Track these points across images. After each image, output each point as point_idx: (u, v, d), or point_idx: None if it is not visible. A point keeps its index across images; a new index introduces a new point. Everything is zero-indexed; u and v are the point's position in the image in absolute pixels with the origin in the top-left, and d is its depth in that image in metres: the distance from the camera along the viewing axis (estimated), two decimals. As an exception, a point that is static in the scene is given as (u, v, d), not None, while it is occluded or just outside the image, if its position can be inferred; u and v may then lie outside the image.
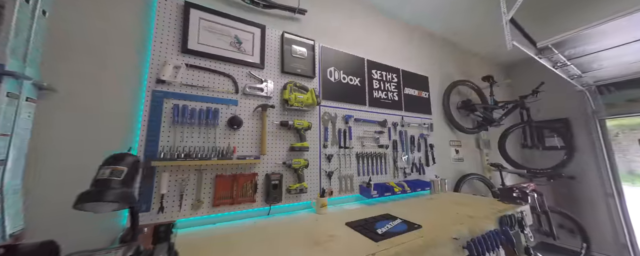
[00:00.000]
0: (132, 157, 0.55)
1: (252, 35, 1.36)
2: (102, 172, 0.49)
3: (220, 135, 1.19)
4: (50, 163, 0.88)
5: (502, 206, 1.44)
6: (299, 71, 1.51)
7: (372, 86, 1.87)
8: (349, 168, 1.62)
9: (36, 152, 0.85)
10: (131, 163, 0.53)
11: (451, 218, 1.20)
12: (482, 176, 2.51)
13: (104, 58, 1.00)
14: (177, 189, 1.05)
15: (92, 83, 0.97)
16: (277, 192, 1.26)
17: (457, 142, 2.51)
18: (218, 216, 1.13)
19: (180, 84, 1.13)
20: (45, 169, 0.87)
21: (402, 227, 1.06)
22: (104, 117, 0.98)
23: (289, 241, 0.92)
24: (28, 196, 0.82)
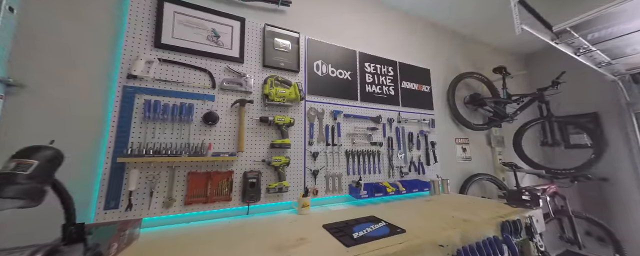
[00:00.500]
0: (49, 150, 0.51)
1: (230, 29, 1.31)
2: (5, 165, 0.45)
3: (195, 131, 1.15)
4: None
5: (508, 210, 1.28)
6: (282, 65, 1.44)
7: (364, 80, 1.76)
8: (338, 166, 1.53)
9: (5, 146, 0.85)
10: (47, 157, 0.49)
11: (444, 222, 1.06)
12: (493, 176, 2.28)
13: (74, 54, 1.00)
14: (147, 186, 1.02)
15: (61, 80, 0.97)
16: (255, 190, 1.20)
17: (464, 140, 2.31)
18: (190, 215, 1.09)
19: (153, 79, 1.10)
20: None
21: (384, 231, 0.96)
22: (74, 114, 0.97)
23: (255, 243, 0.85)
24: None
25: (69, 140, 0.94)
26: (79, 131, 0.97)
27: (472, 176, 2.16)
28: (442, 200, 1.56)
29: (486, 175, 2.23)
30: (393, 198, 1.61)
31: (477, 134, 2.43)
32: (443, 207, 1.36)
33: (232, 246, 0.83)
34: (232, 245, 0.84)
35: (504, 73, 2.43)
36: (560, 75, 2.24)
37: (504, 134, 2.63)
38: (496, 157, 2.50)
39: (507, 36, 2.60)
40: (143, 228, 0.98)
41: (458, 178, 2.16)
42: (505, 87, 2.43)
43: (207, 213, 1.13)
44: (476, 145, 2.40)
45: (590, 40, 1.66)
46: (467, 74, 2.34)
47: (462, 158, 2.25)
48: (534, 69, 3.08)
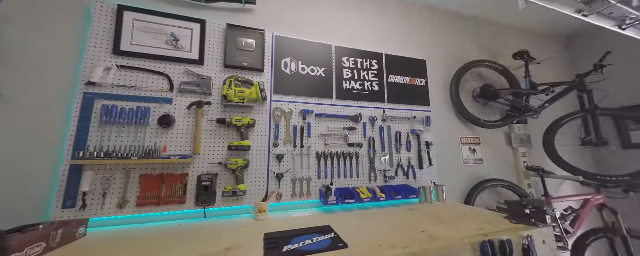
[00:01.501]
0: None
1: (190, 32, 1.31)
2: None
3: (151, 134, 1.17)
4: None
5: (503, 226, 1.02)
6: (246, 64, 1.38)
7: (342, 76, 1.61)
8: (307, 170, 1.41)
9: (-21, 151, 0.96)
10: None
11: (405, 239, 0.89)
12: (511, 183, 1.90)
13: (42, 67, 1.08)
14: (101, 188, 1.06)
15: (31, 90, 1.06)
16: (209, 194, 1.17)
17: (473, 139, 1.98)
18: (143, 217, 1.10)
19: (112, 85, 1.14)
20: None
21: (322, 245, 0.83)
22: (39, 120, 1.05)
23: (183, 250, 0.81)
24: None
25: (34, 143, 1.02)
26: (43, 135, 1.04)
27: (483, 182, 1.82)
28: (429, 210, 1.33)
29: (503, 182, 1.86)
30: (372, 206, 1.43)
31: (492, 133, 2.06)
32: (422, 219, 1.15)
33: (159, 251, 0.80)
34: (161, 249, 0.81)
35: (526, 59, 2.01)
36: (604, 57, 1.77)
37: (530, 132, 2.19)
38: (519, 159, 2.08)
39: (527, 15, 2.15)
40: (95, 228, 1.02)
41: (464, 184, 1.85)
42: (529, 75, 2.01)
43: (162, 215, 1.13)
44: (490, 146, 2.03)
45: (636, 6, 1.25)
46: (476, 63, 1.99)
47: (470, 161, 1.92)
48: (570, 53, 2.51)
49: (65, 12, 1.15)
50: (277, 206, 1.32)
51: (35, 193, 1.00)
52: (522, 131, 2.17)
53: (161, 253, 0.79)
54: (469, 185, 1.84)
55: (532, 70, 2.02)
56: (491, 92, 1.89)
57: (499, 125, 1.94)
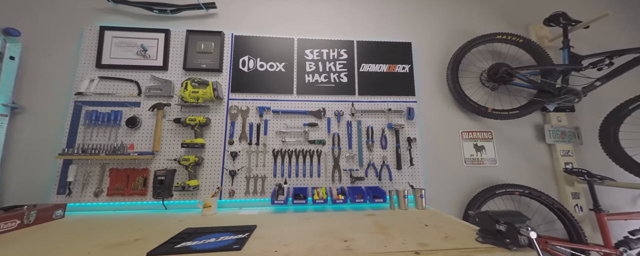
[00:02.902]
0: None
1: (156, 41, 1.44)
2: None
3: (123, 133, 1.33)
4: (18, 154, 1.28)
5: (465, 244, 0.76)
6: (204, 66, 1.44)
7: (303, 69, 1.51)
8: (262, 167, 1.37)
9: (8, 147, 1.27)
10: None
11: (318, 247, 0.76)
12: (535, 191, 1.42)
13: (49, 83, 1.36)
14: (82, 178, 1.26)
15: (40, 101, 1.34)
16: (163, 187, 1.25)
17: (480, 133, 1.57)
18: (113, 205, 1.26)
19: (94, 93, 1.35)
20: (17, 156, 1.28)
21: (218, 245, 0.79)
22: (46, 123, 1.32)
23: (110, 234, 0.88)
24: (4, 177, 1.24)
25: (42, 142, 1.29)
26: (48, 136, 1.31)
27: (491, 187, 1.42)
28: (390, 217, 1.12)
29: (522, 188, 1.41)
30: (329, 208, 1.29)
31: (512, 125, 1.59)
32: (364, 227, 0.98)
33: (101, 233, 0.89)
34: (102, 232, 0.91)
35: (564, 23, 1.48)
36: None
37: (579, 122, 1.61)
38: (558, 159, 1.55)
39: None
40: (75, 211, 1.22)
41: (465, 190, 1.48)
42: (568, 46, 1.47)
43: (127, 204, 1.27)
44: (509, 142, 1.58)
45: None
46: (483, 38, 1.57)
47: (474, 161, 1.53)
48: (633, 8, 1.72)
49: (66, 38, 1.42)
50: (229, 202, 1.32)
51: (43, 179, 1.26)
52: (564, 121, 1.60)
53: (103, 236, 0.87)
54: (473, 191, 1.46)
55: (575, 39, 1.47)
56: (503, 71, 1.45)
57: (515, 114, 1.48)
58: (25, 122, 1.32)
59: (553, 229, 1.42)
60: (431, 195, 1.44)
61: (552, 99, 1.42)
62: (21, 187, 1.25)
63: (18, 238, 0.88)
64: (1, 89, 1.24)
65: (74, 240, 0.85)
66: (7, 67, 1.27)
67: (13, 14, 1.39)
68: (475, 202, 1.39)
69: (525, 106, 1.49)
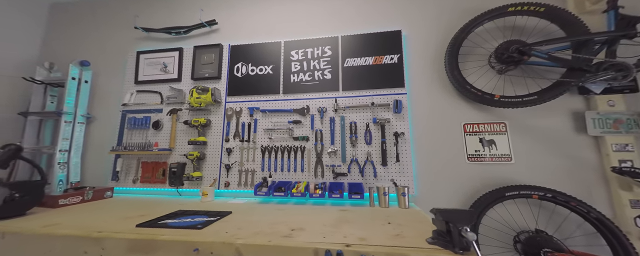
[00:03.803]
0: (12, 146, 1.10)
1: (173, 58, 1.75)
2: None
3: (150, 134, 1.67)
4: (92, 150, 1.77)
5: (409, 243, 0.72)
6: (207, 75, 1.67)
7: (289, 70, 1.58)
8: (252, 162, 1.51)
9: (86, 145, 1.76)
10: (9, 149, 1.08)
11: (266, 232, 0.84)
12: (561, 194, 1.12)
13: (109, 97, 1.82)
14: (125, 169, 1.64)
15: (104, 113, 1.81)
16: (176, 177, 1.52)
17: (491, 126, 1.34)
18: (144, 190, 1.60)
19: (133, 104, 1.74)
20: (90, 152, 1.77)
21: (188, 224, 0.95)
22: (108, 128, 1.77)
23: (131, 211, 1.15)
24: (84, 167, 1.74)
25: (104, 142, 1.75)
26: (108, 137, 1.75)
27: (502, 189, 1.20)
28: (362, 213, 1.10)
29: (543, 191, 1.14)
30: (308, 201, 1.33)
31: (535, 114, 1.30)
32: (324, 220, 0.99)
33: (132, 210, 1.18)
34: (131, 209, 1.20)
35: None
36: None
37: None
38: (609, 155, 1.19)
39: None
40: (119, 193, 1.60)
41: (467, 191, 1.29)
42: (616, 6, 1.12)
43: (153, 190, 1.60)
44: (530, 134, 1.30)
45: None
46: (491, 14, 1.33)
47: (481, 157, 1.31)
48: None
49: (118, 63, 1.86)
50: (225, 192, 1.50)
51: (104, 168, 1.70)
52: (620, 106, 1.21)
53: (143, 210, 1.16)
54: (478, 192, 1.26)
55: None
56: (512, 50, 1.20)
57: (531, 101, 1.19)
58: (95, 127, 1.80)
59: (599, 244, 1.10)
60: (423, 195, 1.31)
61: (585, 79, 1.10)
62: (93, 174, 1.72)
63: (78, 208, 1.24)
64: (81, 105, 1.73)
65: (105, 213, 1.14)
66: (83, 88, 1.77)
67: (86, 49, 1.92)
68: (479, 206, 1.20)
69: (547, 90, 1.19)
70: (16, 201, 1.06)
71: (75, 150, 1.69)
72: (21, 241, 0.89)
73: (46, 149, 1.71)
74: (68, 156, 1.64)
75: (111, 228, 0.89)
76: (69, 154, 1.64)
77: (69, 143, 1.65)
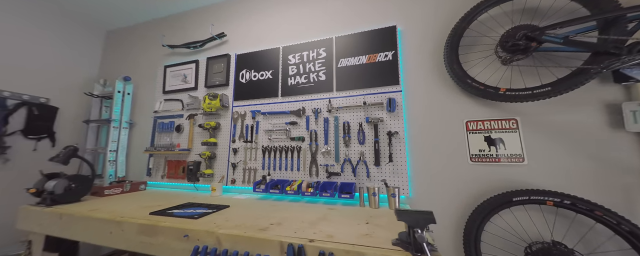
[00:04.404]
0: (72, 147, 1.41)
1: (191, 70, 1.99)
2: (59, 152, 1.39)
3: (174, 136, 1.93)
4: (133, 150, 2.12)
5: (372, 242, 0.72)
6: (217, 82, 1.86)
7: (287, 73, 1.66)
8: (254, 161, 1.63)
9: (129, 146, 2.13)
10: (69, 150, 1.39)
11: (248, 224, 0.93)
12: (591, 204, 0.95)
13: (144, 105, 2.16)
14: (155, 166, 1.93)
15: (142, 119, 2.15)
16: (192, 174, 1.73)
17: (499, 122, 1.21)
18: (169, 184, 1.86)
19: (161, 111, 2.03)
20: (132, 152, 2.13)
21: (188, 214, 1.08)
22: (143, 132, 2.11)
23: (156, 202, 1.38)
24: (128, 164, 2.10)
25: (141, 143, 2.08)
26: (144, 140, 2.08)
27: (509, 193, 1.07)
28: (347, 212, 1.11)
29: (564, 196, 0.98)
30: (302, 199, 1.38)
31: (555, 108, 1.13)
32: (304, 217, 1.03)
33: (154, 200, 1.42)
34: (154, 200, 1.44)
35: None
36: None
37: None
38: None
39: None
40: (151, 187, 1.89)
41: (470, 193, 1.19)
42: None
43: (177, 185, 1.84)
44: (547, 131, 1.13)
45: None
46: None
47: (486, 157, 1.19)
48: None
49: (151, 77, 2.19)
50: (232, 188, 1.65)
51: (142, 165, 2.03)
52: (676, 95, 0.97)
53: (162, 201, 1.39)
54: (482, 196, 1.15)
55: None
56: (521, 37, 1.06)
57: (543, 93, 1.03)
58: (135, 131, 2.15)
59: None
60: (419, 197, 1.25)
61: (611, 64, 0.91)
62: (134, 170, 2.06)
63: (117, 198, 1.51)
64: (125, 113, 2.10)
65: (134, 202, 1.37)
66: (126, 99, 2.13)
67: (128, 67, 2.30)
68: (480, 212, 1.09)
69: (563, 80, 1.01)
70: (73, 190, 1.35)
71: (121, 150, 2.05)
72: (72, 221, 1.14)
73: (101, 149, 2.11)
74: (116, 155, 2.00)
75: (131, 214, 1.08)
76: (116, 153, 2.00)
77: (116, 145, 2.01)
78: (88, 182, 1.43)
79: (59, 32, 2.16)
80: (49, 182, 1.31)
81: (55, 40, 2.13)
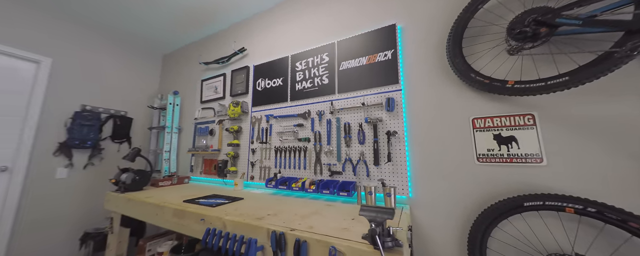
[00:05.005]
0: (136, 149, 1.85)
1: (220, 81, 2.33)
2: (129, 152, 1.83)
3: (208, 139, 2.29)
4: (181, 150, 2.60)
5: (347, 236, 0.80)
6: (239, 91, 2.13)
7: (294, 79, 1.80)
8: (268, 160, 1.82)
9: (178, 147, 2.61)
10: (135, 150, 1.83)
11: (250, 213, 1.10)
12: (625, 213, 0.78)
13: (186, 113, 2.62)
14: (195, 164, 2.33)
15: (186, 126, 2.61)
16: (220, 171, 2.03)
17: (511, 119, 1.10)
18: (205, 179, 2.22)
19: (199, 118, 2.44)
20: (181, 152, 2.60)
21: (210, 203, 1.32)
22: (189, 135, 2.56)
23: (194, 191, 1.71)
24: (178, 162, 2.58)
25: (186, 146, 2.53)
26: (188, 142, 2.53)
27: (520, 197, 0.96)
28: (342, 209, 1.17)
29: (589, 204, 0.84)
30: (305, 195, 1.50)
31: (582, 99, 0.96)
32: (302, 212, 1.14)
33: (191, 191, 1.76)
34: (191, 191, 1.78)
35: None
36: None
37: None
38: None
39: None
40: (193, 181, 2.28)
41: (477, 197, 1.10)
42: None
43: (211, 179, 2.18)
44: (572, 127, 0.97)
45: None
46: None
47: (496, 157, 1.09)
48: None
49: (192, 90, 2.64)
50: (252, 184, 1.88)
51: (186, 163, 2.47)
52: None
53: (195, 192, 1.73)
54: (491, 198, 1.05)
55: None
56: (530, 22, 0.94)
57: (559, 83, 0.88)
58: (182, 135, 2.62)
59: None
60: (421, 198, 1.21)
61: (637, 44, 0.73)
62: (182, 166, 2.52)
63: (166, 189, 1.89)
64: (175, 120, 2.59)
65: (176, 192, 1.71)
66: (176, 110, 2.62)
67: (177, 82, 2.82)
68: (487, 216, 1.01)
69: (585, 67, 0.85)
70: (137, 182, 1.77)
71: (173, 151, 2.53)
72: (135, 204, 1.50)
73: (159, 150, 2.65)
74: (169, 155, 2.48)
75: (170, 201, 1.37)
76: (170, 153, 2.49)
77: (169, 146, 2.50)
78: (147, 175, 1.85)
79: (132, 61, 2.80)
80: (122, 174, 1.75)
81: (130, 67, 2.78)
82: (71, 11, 2.20)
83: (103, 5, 2.13)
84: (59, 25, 2.23)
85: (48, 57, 2.14)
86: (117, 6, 2.13)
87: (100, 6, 2.14)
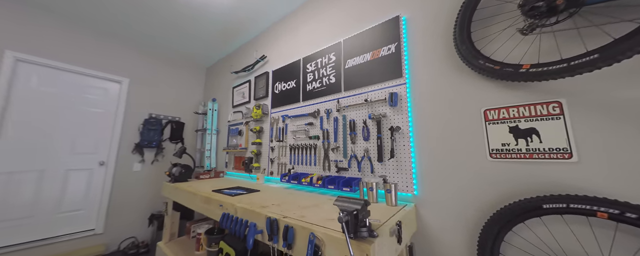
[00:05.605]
0: (182, 147, 2.24)
1: (247, 87, 2.61)
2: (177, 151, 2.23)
3: (238, 139, 2.60)
4: (219, 149, 3.01)
5: (334, 229, 0.87)
6: (261, 95, 2.36)
7: (305, 81, 1.90)
8: (284, 157, 1.96)
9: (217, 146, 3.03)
10: (181, 148, 2.22)
11: (258, 202, 1.26)
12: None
13: (223, 117, 3.02)
14: (229, 161, 2.66)
15: (222, 127, 3.01)
16: (247, 166, 2.28)
17: (532, 108, 0.96)
18: (236, 174, 2.52)
19: (232, 120, 2.78)
20: (219, 151, 3.01)
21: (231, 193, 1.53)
22: (224, 136, 2.95)
23: (225, 183, 2.00)
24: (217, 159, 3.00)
25: (222, 145, 2.92)
26: (224, 142, 2.91)
27: (538, 198, 0.84)
28: (333, 202, 1.22)
29: (621, 207, 0.68)
30: (317, 191, 1.58)
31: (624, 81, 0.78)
32: (304, 204, 1.24)
33: (222, 184, 2.07)
34: (222, 183, 2.08)
35: None
36: None
37: None
38: None
39: None
40: (227, 175, 2.62)
41: (491, 197, 0.99)
42: None
43: (240, 174, 2.47)
44: (613, 116, 0.79)
45: None
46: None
47: (512, 153, 0.96)
48: None
49: (226, 96, 3.03)
50: (271, 179, 2.05)
51: (222, 160, 2.84)
52: None
53: (224, 184, 2.03)
54: (504, 200, 0.94)
55: None
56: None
57: (588, 63, 0.71)
58: (220, 136, 3.03)
59: None
60: (427, 196, 1.15)
61: None
62: (219, 163, 2.92)
63: (205, 181, 2.24)
64: (214, 123, 3.01)
65: (211, 184, 2.02)
66: (214, 114, 3.05)
67: (215, 90, 3.27)
68: (500, 219, 0.90)
69: (619, 41, 0.67)
70: (183, 174, 2.15)
71: (212, 149, 2.95)
72: (180, 192, 1.84)
73: (203, 149, 3.12)
74: (210, 152, 2.90)
75: (203, 190, 1.64)
76: (210, 152, 2.91)
77: (210, 145, 2.93)
78: (191, 169, 2.22)
79: (183, 75, 3.38)
80: (173, 168, 2.15)
81: (182, 80, 3.35)
82: (142, 35, 2.78)
83: (161, 26, 2.63)
84: (132, 51, 2.87)
85: (126, 77, 2.79)
86: (172, 26, 2.59)
87: (159, 27, 2.65)
